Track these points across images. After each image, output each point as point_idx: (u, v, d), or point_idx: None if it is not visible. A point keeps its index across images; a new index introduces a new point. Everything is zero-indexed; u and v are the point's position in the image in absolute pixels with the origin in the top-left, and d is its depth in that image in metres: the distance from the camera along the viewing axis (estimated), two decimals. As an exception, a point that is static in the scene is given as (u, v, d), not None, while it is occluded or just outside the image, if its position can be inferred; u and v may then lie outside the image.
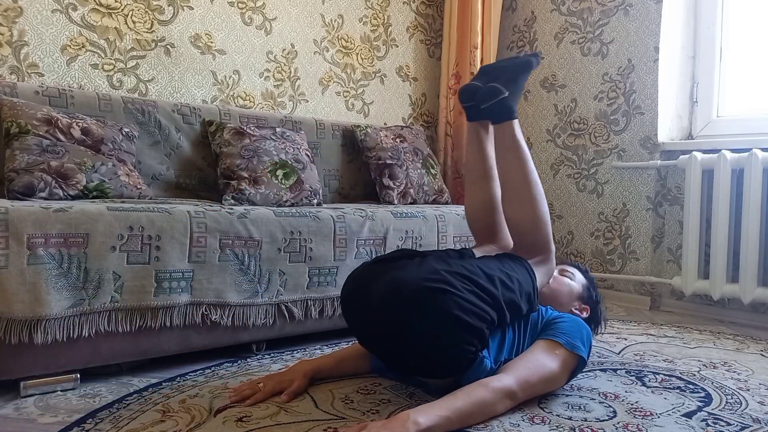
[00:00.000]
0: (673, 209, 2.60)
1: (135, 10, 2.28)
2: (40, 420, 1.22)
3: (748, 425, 1.22)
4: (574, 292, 1.67)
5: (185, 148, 2.23)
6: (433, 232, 2.08)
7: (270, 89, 2.67)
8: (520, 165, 1.51)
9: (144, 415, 1.22)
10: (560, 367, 1.29)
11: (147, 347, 1.52)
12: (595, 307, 1.69)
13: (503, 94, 1.51)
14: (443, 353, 1.20)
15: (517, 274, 1.34)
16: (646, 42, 2.66)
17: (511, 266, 1.36)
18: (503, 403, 1.20)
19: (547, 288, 1.61)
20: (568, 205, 2.97)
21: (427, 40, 3.27)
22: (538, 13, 3.11)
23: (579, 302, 1.67)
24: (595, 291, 1.72)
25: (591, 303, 1.69)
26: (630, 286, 2.74)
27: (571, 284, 1.67)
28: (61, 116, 1.82)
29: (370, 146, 2.59)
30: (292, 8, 2.72)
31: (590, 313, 1.67)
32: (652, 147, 2.64)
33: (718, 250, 2.31)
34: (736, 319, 2.38)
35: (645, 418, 1.24)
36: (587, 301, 1.68)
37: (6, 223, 1.30)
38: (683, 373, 1.58)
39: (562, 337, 1.33)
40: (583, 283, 1.71)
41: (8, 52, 2.03)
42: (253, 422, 1.17)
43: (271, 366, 1.60)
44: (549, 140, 3.07)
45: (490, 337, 1.31)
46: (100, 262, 1.42)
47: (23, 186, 1.62)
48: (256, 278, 1.67)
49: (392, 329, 1.21)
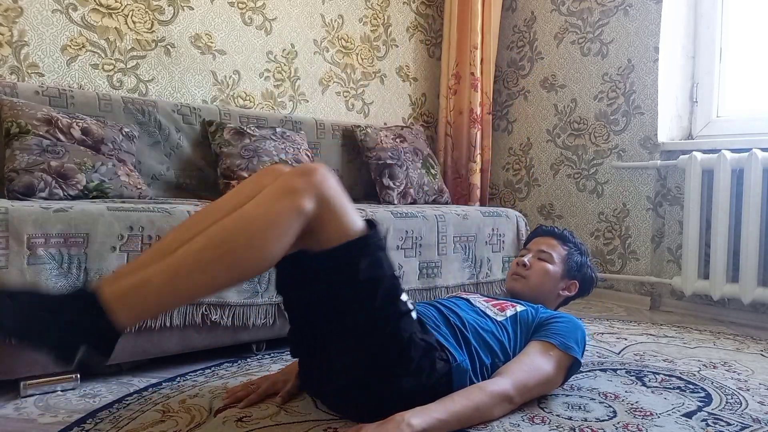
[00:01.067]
0: (673, 209, 2.60)
1: (135, 11, 2.28)
2: (40, 420, 1.22)
3: (748, 425, 1.22)
4: (556, 275, 1.59)
5: (185, 148, 2.23)
6: (433, 232, 2.08)
7: (270, 89, 2.67)
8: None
9: (144, 415, 1.22)
10: (555, 369, 1.28)
11: (147, 347, 1.52)
12: (581, 275, 1.63)
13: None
14: (411, 392, 1.14)
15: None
16: (646, 42, 2.66)
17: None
18: (500, 407, 1.18)
19: (521, 284, 1.58)
20: (568, 205, 2.97)
21: (427, 40, 3.27)
22: (538, 13, 3.11)
23: (564, 281, 1.62)
24: (579, 255, 1.64)
25: (576, 275, 1.62)
26: (630, 286, 2.74)
27: (550, 269, 1.59)
28: (61, 116, 1.82)
29: (370, 146, 2.59)
30: (292, 8, 2.72)
31: (578, 285, 1.63)
32: (652, 147, 2.64)
33: (718, 250, 2.31)
34: (736, 319, 2.38)
35: (645, 418, 1.24)
36: (572, 274, 1.62)
37: (6, 223, 1.30)
38: (683, 373, 1.58)
39: (556, 338, 1.31)
40: (562, 256, 1.61)
41: (8, 52, 2.03)
42: (253, 422, 1.17)
43: (271, 366, 1.60)
44: (549, 140, 3.07)
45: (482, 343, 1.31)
46: (100, 262, 1.42)
47: (23, 186, 1.62)
48: (256, 278, 1.67)
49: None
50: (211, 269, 0.96)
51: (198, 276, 0.95)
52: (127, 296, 0.92)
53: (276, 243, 0.98)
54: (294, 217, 0.99)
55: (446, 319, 1.33)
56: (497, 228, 2.31)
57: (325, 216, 1.03)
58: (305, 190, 1.00)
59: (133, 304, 0.92)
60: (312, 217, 1.02)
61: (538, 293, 1.58)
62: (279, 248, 0.99)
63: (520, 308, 1.44)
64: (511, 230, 2.36)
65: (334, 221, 1.05)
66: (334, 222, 1.05)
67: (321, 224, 1.04)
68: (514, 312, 1.42)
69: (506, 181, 3.27)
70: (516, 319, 1.40)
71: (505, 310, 1.43)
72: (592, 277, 1.67)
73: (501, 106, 3.30)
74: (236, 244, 0.96)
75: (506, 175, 3.27)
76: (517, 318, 1.41)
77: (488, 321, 1.38)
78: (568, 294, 1.63)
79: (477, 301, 1.47)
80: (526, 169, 3.17)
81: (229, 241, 0.96)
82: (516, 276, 1.62)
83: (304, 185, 1.01)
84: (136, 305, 0.93)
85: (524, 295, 1.58)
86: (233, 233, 0.97)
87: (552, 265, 1.60)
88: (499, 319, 1.39)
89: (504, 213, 2.38)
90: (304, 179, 1.02)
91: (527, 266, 1.60)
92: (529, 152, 3.16)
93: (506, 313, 1.42)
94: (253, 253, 0.97)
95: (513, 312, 1.42)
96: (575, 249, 1.65)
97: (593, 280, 1.67)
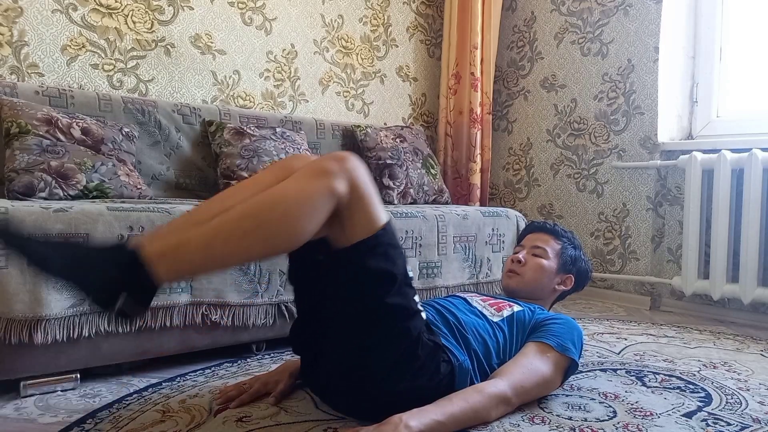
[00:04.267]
0: (673, 209, 2.60)
1: (135, 11, 2.28)
2: (40, 420, 1.22)
3: (748, 425, 1.22)
4: (551, 271, 1.60)
5: (185, 148, 2.23)
6: (433, 232, 2.08)
7: (270, 89, 2.67)
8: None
9: (144, 415, 1.22)
10: (553, 370, 1.28)
11: (147, 347, 1.52)
12: (576, 269, 1.63)
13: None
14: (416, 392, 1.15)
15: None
16: (646, 42, 2.66)
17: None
18: (498, 409, 1.18)
19: (517, 281, 1.58)
20: (568, 205, 2.97)
21: (427, 40, 3.27)
22: (538, 13, 3.11)
23: (559, 276, 1.62)
24: (573, 249, 1.64)
25: (571, 269, 1.63)
26: (630, 286, 2.74)
27: (545, 265, 1.59)
28: (61, 116, 1.82)
29: (370, 146, 2.59)
30: (292, 8, 2.72)
31: (574, 279, 1.63)
32: (652, 147, 2.64)
33: (718, 250, 2.31)
34: (736, 319, 2.38)
35: (645, 418, 1.24)
36: (566, 268, 1.62)
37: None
38: (683, 373, 1.58)
39: (553, 339, 1.31)
40: (556, 251, 1.62)
41: (8, 52, 2.03)
42: (253, 422, 1.17)
43: (271, 366, 1.60)
44: (549, 140, 3.07)
45: (480, 343, 1.31)
46: (100, 262, 1.41)
47: (23, 186, 1.62)
48: (256, 278, 1.67)
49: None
50: (247, 239, 1.00)
51: (234, 243, 1.00)
52: (166, 255, 0.97)
53: (309, 220, 1.02)
54: (327, 196, 1.03)
55: (445, 318, 1.33)
56: (497, 228, 2.31)
57: (354, 203, 1.07)
58: (339, 173, 1.04)
59: (171, 262, 0.97)
60: (342, 201, 1.05)
61: (534, 289, 1.58)
62: (311, 226, 1.03)
63: (517, 308, 1.44)
64: (511, 230, 2.36)
65: (362, 209, 1.08)
66: (362, 210, 1.08)
67: (349, 210, 1.07)
68: (511, 312, 1.42)
69: (506, 181, 3.27)
70: (512, 320, 1.40)
71: (502, 310, 1.43)
72: (586, 270, 1.67)
73: (501, 106, 3.30)
74: (272, 216, 1.00)
75: (506, 175, 3.27)
76: (513, 318, 1.41)
77: (485, 321, 1.38)
78: (564, 288, 1.63)
79: (474, 301, 1.47)
80: (526, 169, 3.17)
81: (265, 213, 1.01)
82: (511, 273, 1.62)
83: (338, 169, 1.05)
84: (174, 264, 0.98)
85: (520, 291, 1.58)
86: (269, 206, 1.01)
87: (547, 261, 1.60)
88: (495, 320, 1.39)
89: (504, 213, 2.38)
90: (339, 164, 1.06)
91: (522, 262, 1.60)
92: (529, 152, 3.16)
93: (503, 313, 1.42)
94: (287, 228, 1.01)
95: (510, 312, 1.42)
96: (569, 243, 1.65)
97: (588, 273, 1.68)
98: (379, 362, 1.12)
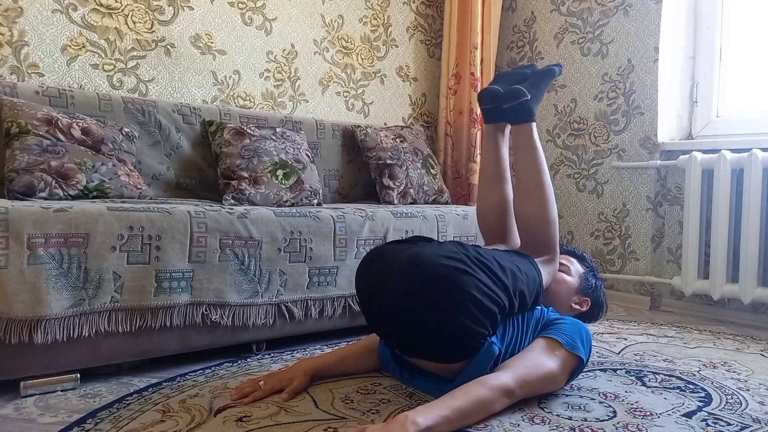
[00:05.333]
0: (673, 209, 2.60)
1: (135, 11, 2.28)
2: (40, 420, 1.22)
3: (748, 425, 1.22)
4: (571, 286, 1.66)
5: (185, 148, 2.23)
6: (433, 232, 2.08)
7: (270, 89, 2.67)
8: (536, 166, 1.57)
9: (144, 415, 1.22)
10: (559, 367, 1.29)
11: (147, 347, 1.52)
12: (594, 296, 1.69)
13: (526, 97, 1.57)
14: (455, 333, 1.19)
15: (526, 269, 1.37)
16: (646, 42, 2.66)
17: (520, 261, 1.39)
18: (501, 401, 1.20)
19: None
20: (568, 205, 2.97)
21: (427, 40, 3.27)
22: (538, 13, 3.11)
23: (578, 295, 1.67)
24: (594, 278, 1.72)
25: (590, 294, 1.68)
26: (630, 286, 2.74)
27: (567, 279, 1.66)
28: (61, 116, 1.82)
29: (370, 146, 2.59)
30: (292, 8, 2.72)
31: (590, 304, 1.67)
32: (652, 147, 2.64)
33: (718, 250, 2.31)
34: (736, 319, 2.38)
35: (645, 418, 1.24)
36: (586, 292, 1.68)
37: (6, 223, 1.30)
38: (683, 373, 1.58)
39: (563, 336, 1.32)
40: (580, 273, 1.70)
41: (8, 52, 2.03)
42: (253, 422, 1.17)
43: (271, 366, 1.60)
44: (549, 140, 3.07)
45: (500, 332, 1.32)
46: (100, 262, 1.42)
47: (23, 186, 1.62)
48: (256, 278, 1.67)
49: (408, 304, 1.20)
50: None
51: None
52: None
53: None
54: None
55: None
56: (497, 228, 2.31)
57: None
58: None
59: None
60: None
61: (553, 297, 1.61)
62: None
63: None
64: (511, 230, 2.36)
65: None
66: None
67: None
68: None
69: (506, 181, 3.27)
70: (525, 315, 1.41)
71: None
72: (602, 304, 1.72)
73: (501, 106, 3.30)
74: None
75: (506, 175, 3.27)
76: (525, 314, 1.41)
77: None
78: (579, 309, 1.67)
79: None
80: (526, 169, 3.17)
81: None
82: None
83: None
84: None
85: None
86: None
87: (569, 276, 1.67)
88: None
89: (504, 213, 2.37)
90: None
91: None
92: (529, 152, 3.16)
93: None
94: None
95: None
96: (591, 272, 1.73)
97: (603, 307, 1.73)
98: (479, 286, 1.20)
